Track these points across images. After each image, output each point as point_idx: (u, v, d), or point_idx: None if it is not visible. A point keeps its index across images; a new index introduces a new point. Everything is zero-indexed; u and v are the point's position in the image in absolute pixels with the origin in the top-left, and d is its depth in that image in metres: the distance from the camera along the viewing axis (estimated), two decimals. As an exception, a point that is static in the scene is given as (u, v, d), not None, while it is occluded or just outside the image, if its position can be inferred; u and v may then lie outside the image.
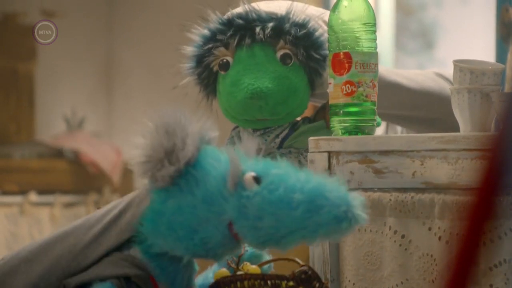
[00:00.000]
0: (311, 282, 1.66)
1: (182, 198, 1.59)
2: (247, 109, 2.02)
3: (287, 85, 2.03)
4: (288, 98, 2.02)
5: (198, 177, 1.58)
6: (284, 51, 2.03)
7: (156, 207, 1.61)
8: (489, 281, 1.68)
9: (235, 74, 2.03)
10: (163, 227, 1.60)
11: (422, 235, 1.77)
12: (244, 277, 1.67)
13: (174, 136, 1.58)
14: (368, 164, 1.86)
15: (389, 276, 1.81)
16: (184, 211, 1.59)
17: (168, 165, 1.57)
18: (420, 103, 2.25)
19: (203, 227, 1.58)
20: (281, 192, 1.54)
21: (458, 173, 1.75)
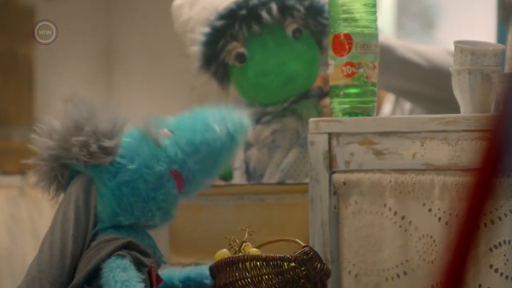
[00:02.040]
0: (313, 263, 1.66)
1: (129, 164, 1.67)
2: (280, 96, 2.07)
3: (308, 60, 2.07)
4: (312, 71, 2.08)
5: (133, 144, 1.68)
6: (294, 26, 2.06)
7: (111, 183, 1.67)
8: (489, 262, 1.68)
9: (257, 66, 2.06)
10: (128, 196, 1.67)
11: (422, 216, 1.78)
12: (245, 258, 1.67)
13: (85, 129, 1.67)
14: (368, 146, 1.86)
15: (389, 257, 1.82)
16: (138, 174, 1.67)
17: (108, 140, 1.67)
18: (429, 79, 2.26)
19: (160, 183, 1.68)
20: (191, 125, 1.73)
21: (458, 154, 1.75)
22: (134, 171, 1.67)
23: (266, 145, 2.10)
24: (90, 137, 1.66)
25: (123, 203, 1.67)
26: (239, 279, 1.67)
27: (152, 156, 1.68)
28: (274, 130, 2.10)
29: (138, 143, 1.69)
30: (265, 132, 2.10)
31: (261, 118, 2.11)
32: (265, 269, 1.66)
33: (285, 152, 2.10)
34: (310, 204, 1.91)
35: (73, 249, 1.67)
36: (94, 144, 1.66)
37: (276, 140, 2.10)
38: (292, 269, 1.65)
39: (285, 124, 2.10)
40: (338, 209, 1.89)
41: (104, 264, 1.61)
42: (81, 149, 1.66)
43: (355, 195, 1.86)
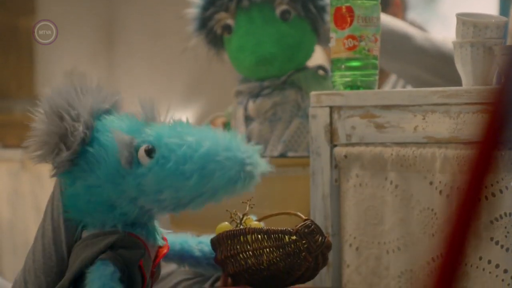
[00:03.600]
0: (314, 236, 1.66)
1: (87, 177, 1.58)
2: (255, 73, 2.07)
3: (290, 43, 2.06)
4: (293, 55, 2.07)
5: (96, 156, 1.57)
6: (283, 7, 2.06)
7: (69, 191, 1.61)
8: (490, 234, 1.68)
9: (238, 40, 2.07)
10: (84, 207, 1.60)
11: (423, 190, 1.78)
12: (247, 231, 1.67)
13: (64, 119, 1.56)
14: (369, 119, 1.85)
15: (390, 230, 1.82)
16: (94, 191, 1.58)
17: (65, 150, 1.56)
18: (441, 70, 2.27)
19: (118, 203, 1.58)
20: (172, 165, 1.53)
21: (459, 127, 1.75)
22: (88, 186, 1.58)
23: (267, 118, 2.11)
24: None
25: (80, 212, 1.60)
26: (240, 252, 1.67)
27: (109, 177, 1.56)
28: (275, 102, 2.10)
29: (103, 155, 1.56)
30: (266, 105, 2.10)
31: (260, 91, 2.11)
32: (266, 242, 1.67)
33: (287, 124, 2.10)
34: (311, 178, 1.91)
35: (66, 237, 1.64)
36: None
37: (277, 113, 2.11)
38: (293, 242, 1.66)
39: (286, 96, 2.10)
40: (339, 182, 1.89)
41: (88, 271, 1.57)
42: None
43: (356, 169, 1.86)
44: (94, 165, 1.57)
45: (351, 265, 1.86)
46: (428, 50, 2.28)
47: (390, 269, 1.81)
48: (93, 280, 1.55)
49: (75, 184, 1.60)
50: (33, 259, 1.65)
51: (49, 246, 1.64)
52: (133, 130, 1.59)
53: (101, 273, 1.55)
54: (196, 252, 1.74)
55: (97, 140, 1.58)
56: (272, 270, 1.67)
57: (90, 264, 1.56)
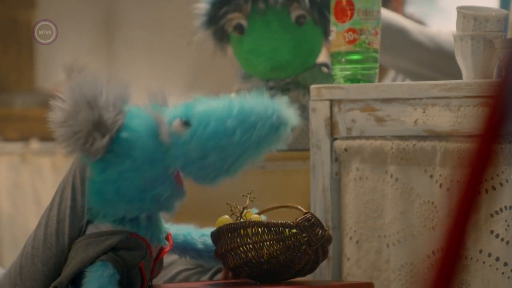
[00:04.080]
0: (314, 229, 1.66)
1: (122, 163, 1.58)
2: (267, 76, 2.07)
3: (305, 50, 2.08)
4: (306, 61, 2.08)
5: (131, 140, 1.57)
6: (299, 12, 2.06)
7: (98, 178, 1.59)
8: (490, 228, 1.69)
9: (252, 42, 2.06)
10: (111, 195, 1.59)
11: (423, 183, 1.78)
12: (247, 224, 1.67)
13: (97, 107, 1.56)
14: (370, 112, 1.85)
15: (390, 223, 1.82)
16: (128, 175, 1.58)
17: (100, 137, 1.55)
18: (438, 64, 2.27)
19: (152, 185, 1.58)
20: (214, 125, 1.56)
21: (460, 121, 1.75)
22: (122, 172, 1.58)
23: None
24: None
25: (105, 201, 1.60)
26: (241, 245, 1.67)
27: (148, 157, 1.57)
28: None
29: (137, 138, 1.57)
30: None
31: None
32: (266, 235, 1.67)
33: None
34: (312, 171, 1.91)
35: (69, 230, 1.64)
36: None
37: None
38: (293, 235, 1.66)
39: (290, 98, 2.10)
40: (339, 175, 1.89)
41: (87, 271, 1.57)
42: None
43: (357, 162, 1.87)
44: (129, 149, 1.58)
45: (351, 258, 1.86)
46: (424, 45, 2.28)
47: (390, 262, 1.81)
48: (91, 280, 1.55)
49: (105, 171, 1.59)
50: (32, 246, 1.65)
51: (50, 236, 1.64)
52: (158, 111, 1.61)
53: (100, 275, 1.55)
54: (198, 245, 1.74)
55: (128, 126, 1.58)
56: (272, 263, 1.67)
57: (90, 264, 1.56)
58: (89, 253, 1.58)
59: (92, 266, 1.56)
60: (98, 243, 1.59)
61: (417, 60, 2.30)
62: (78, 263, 1.58)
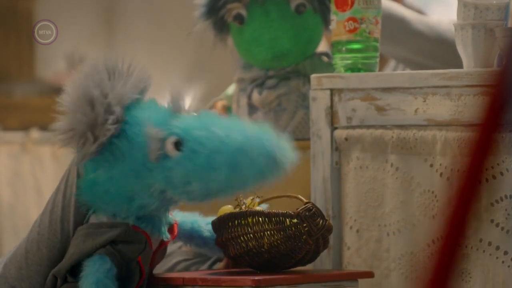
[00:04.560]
0: (315, 219, 1.66)
1: (111, 168, 1.57)
2: (268, 66, 2.07)
3: (305, 38, 2.07)
4: (306, 49, 2.08)
5: (122, 149, 1.56)
6: (298, 1, 2.06)
7: (90, 177, 1.59)
8: (490, 217, 1.69)
9: (252, 32, 2.06)
10: (101, 195, 1.59)
11: (423, 172, 1.78)
12: (248, 213, 1.67)
13: (96, 108, 1.54)
14: (370, 101, 1.85)
15: (390, 212, 1.82)
16: (116, 181, 1.58)
17: (92, 139, 1.54)
18: (438, 53, 2.26)
19: (138, 195, 1.58)
20: (202, 158, 1.54)
21: (460, 110, 1.75)
22: (111, 177, 1.57)
23: (272, 109, 2.10)
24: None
25: (96, 198, 1.60)
26: (241, 234, 1.68)
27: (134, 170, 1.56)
28: (280, 94, 2.09)
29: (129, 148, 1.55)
30: (271, 97, 2.09)
31: (265, 80, 2.11)
32: (267, 225, 1.67)
33: (291, 115, 2.09)
34: (312, 160, 1.91)
35: (74, 216, 1.64)
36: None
37: (282, 103, 2.10)
38: (294, 225, 1.66)
39: (291, 87, 2.09)
40: (340, 165, 1.89)
41: (85, 264, 1.57)
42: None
43: (357, 151, 1.87)
44: (119, 157, 1.56)
45: (351, 248, 1.87)
46: (424, 34, 2.27)
47: (390, 251, 1.82)
48: (88, 274, 1.55)
49: (96, 172, 1.59)
50: (38, 232, 1.65)
51: (55, 223, 1.64)
52: (160, 121, 1.57)
53: (97, 269, 1.55)
54: (205, 233, 1.74)
55: (124, 133, 1.56)
56: (273, 252, 1.68)
57: (88, 256, 1.57)
58: (87, 245, 1.58)
59: (90, 260, 1.56)
60: (97, 235, 1.58)
61: (417, 50, 2.30)
62: (76, 255, 1.58)
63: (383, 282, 1.82)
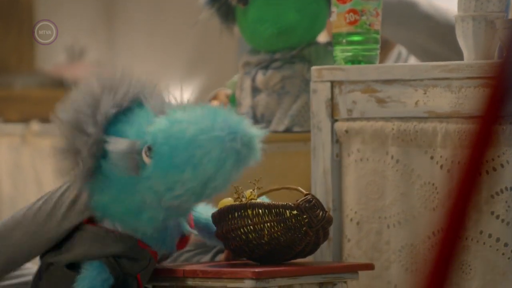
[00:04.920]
0: (315, 211, 1.66)
1: (109, 189, 1.58)
2: (274, 44, 2.06)
3: (309, 13, 2.07)
4: (312, 25, 2.07)
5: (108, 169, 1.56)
6: None
7: (95, 199, 1.60)
8: (490, 209, 1.69)
9: (256, 11, 2.05)
10: (111, 213, 1.61)
11: (424, 164, 1.78)
12: (248, 205, 1.67)
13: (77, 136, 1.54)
14: (370, 94, 1.85)
15: (391, 204, 1.82)
16: (117, 200, 1.59)
17: (81, 165, 1.54)
18: (447, 38, 2.26)
19: (143, 209, 1.58)
20: (166, 160, 1.52)
21: (461, 102, 1.75)
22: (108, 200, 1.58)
23: (276, 91, 2.10)
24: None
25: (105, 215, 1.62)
26: (241, 226, 1.68)
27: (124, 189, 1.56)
28: (284, 76, 2.10)
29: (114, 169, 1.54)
30: (275, 78, 2.09)
31: (270, 64, 2.10)
32: (267, 217, 1.67)
33: (294, 98, 2.09)
34: (312, 153, 1.91)
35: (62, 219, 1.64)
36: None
37: (285, 86, 2.10)
38: (294, 216, 1.66)
39: (295, 71, 2.09)
40: (340, 157, 1.89)
41: (85, 267, 1.58)
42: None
43: (358, 143, 1.86)
44: (108, 178, 1.57)
45: (351, 240, 1.87)
46: (434, 17, 2.27)
47: (390, 244, 1.82)
48: (84, 278, 1.56)
49: (99, 195, 1.60)
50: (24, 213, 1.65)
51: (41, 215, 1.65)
52: (140, 132, 1.56)
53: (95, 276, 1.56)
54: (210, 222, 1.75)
55: (107, 153, 1.56)
56: (273, 244, 1.68)
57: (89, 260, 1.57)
58: (92, 251, 1.59)
59: (90, 264, 1.57)
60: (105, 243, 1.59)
61: (428, 33, 2.29)
62: (80, 256, 1.60)
63: (384, 274, 1.82)
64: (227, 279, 1.64)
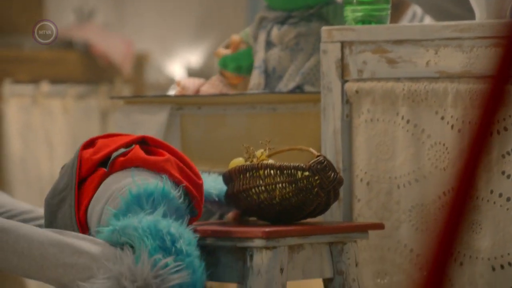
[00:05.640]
0: (326, 172, 1.67)
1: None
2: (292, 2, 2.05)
3: None
4: None
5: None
6: None
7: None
8: (501, 168, 1.69)
9: None
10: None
11: (434, 124, 1.78)
12: (259, 166, 1.68)
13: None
14: (381, 54, 1.84)
15: (401, 165, 1.82)
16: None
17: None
18: None
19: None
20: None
21: (472, 62, 1.74)
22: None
23: (290, 47, 2.09)
24: None
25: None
26: (253, 186, 1.68)
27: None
28: (299, 33, 2.09)
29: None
30: (290, 34, 2.09)
31: (286, 19, 2.10)
32: (279, 178, 1.67)
33: (307, 56, 2.09)
34: (322, 113, 1.91)
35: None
36: None
37: (299, 43, 2.09)
38: (305, 178, 1.66)
39: (311, 28, 2.08)
40: (350, 118, 1.89)
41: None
42: None
43: (368, 104, 1.86)
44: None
45: (362, 200, 1.87)
46: None
47: (400, 204, 1.82)
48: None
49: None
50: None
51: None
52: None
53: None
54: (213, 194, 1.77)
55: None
56: (284, 205, 1.68)
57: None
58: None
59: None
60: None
61: None
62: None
63: (394, 234, 1.83)
64: (237, 239, 1.65)
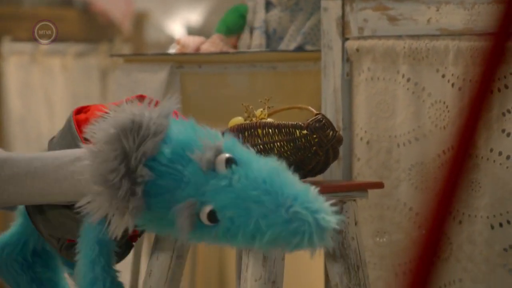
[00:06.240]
0: (325, 131, 1.66)
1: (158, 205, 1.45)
2: None
3: None
4: None
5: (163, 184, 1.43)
6: None
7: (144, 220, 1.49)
8: (501, 126, 1.68)
9: None
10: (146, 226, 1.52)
11: (435, 82, 1.77)
12: (258, 125, 1.67)
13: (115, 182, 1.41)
14: (382, 11, 1.83)
15: (401, 123, 1.82)
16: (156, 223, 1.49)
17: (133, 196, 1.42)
18: None
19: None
20: (230, 231, 1.40)
21: (474, 19, 1.73)
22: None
23: (289, 7, 2.08)
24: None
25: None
26: (251, 145, 1.67)
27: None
28: None
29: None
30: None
31: None
32: (277, 136, 1.67)
33: (308, 16, 2.07)
34: (323, 72, 1.90)
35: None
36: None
37: (299, 3, 2.08)
38: (304, 136, 1.66)
39: None
40: (350, 76, 1.88)
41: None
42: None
43: (368, 62, 1.85)
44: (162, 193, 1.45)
45: (361, 159, 1.87)
46: None
47: (400, 162, 1.82)
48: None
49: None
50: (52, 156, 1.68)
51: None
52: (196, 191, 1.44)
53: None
54: None
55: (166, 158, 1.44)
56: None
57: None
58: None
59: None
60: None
61: None
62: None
63: (393, 193, 1.83)
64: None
